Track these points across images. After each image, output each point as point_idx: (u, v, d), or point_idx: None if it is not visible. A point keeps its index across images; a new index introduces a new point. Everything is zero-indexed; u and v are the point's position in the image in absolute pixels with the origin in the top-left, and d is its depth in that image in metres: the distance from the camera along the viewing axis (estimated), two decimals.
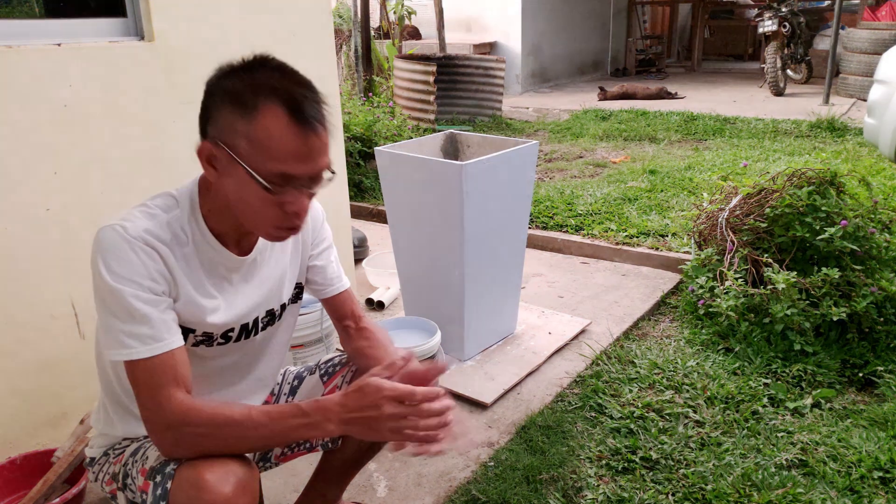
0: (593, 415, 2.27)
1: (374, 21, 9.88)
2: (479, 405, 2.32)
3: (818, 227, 2.66)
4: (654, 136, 6.48)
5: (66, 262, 1.98)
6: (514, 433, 2.18)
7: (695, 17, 11.70)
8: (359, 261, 3.47)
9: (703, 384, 2.38)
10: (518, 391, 2.43)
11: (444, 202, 2.37)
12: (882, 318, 2.53)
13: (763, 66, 8.73)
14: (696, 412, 2.23)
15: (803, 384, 2.37)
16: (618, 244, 3.69)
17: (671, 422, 2.19)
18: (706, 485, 1.89)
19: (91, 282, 1.16)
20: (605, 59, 11.82)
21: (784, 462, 1.98)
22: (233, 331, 1.32)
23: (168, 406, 1.11)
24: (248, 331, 1.35)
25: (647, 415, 2.22)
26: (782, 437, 2.09)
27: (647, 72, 11.33)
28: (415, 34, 10.19)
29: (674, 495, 1.87)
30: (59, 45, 1.93)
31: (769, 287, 2.56)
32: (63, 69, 1.93)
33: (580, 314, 2.99)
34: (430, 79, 6.68)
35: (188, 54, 2.19)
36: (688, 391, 2.35)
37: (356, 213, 4.47)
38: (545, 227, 4.04)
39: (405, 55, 7.51)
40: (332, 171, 1.18)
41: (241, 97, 1.10)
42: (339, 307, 1.51)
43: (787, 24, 8.40)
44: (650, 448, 2.06)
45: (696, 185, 4.64)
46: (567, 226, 4.01)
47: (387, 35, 10.02)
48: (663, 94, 8.54)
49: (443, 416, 1.13)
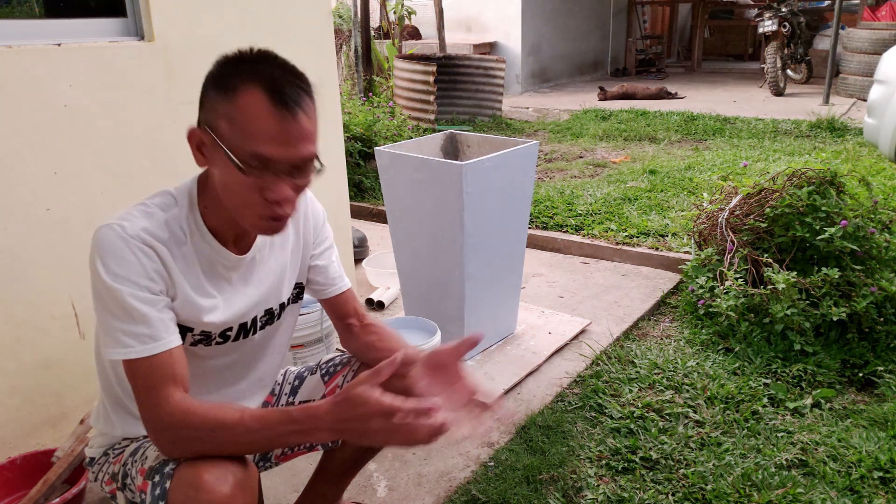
0: (593, 415, 2.27)
1: (374, 21, 9.88)
2: (479, 405, 2.32)
3: (818, 227, 2.66)
4: (654, 136, 6.48)
5: (66, 261, 1.98)
6: (514, 433, 2.18)
7: (695, 16, 11.71)
8: (359, 261, 3.47)
9: (703, 384, 2.38)
10: (518, 391, 2.43)
11: (444, 202, 2.37)
12: (882, 318, 2.53)
13: (763, 65, 8.74)
14: (696, 412, 2.23)
15: (803, 384, 2.37)
16: (618, 244, 3.69)
17: (671, 422, 2.19)
18: (706, 485, 1.89)
19: (90, 281, 1.16)
20: (605, 59, 11.82)
21: (784, 462, 1.98)
22: (231, 330, 1.32)
23: (165, 407, 1.11)
24: (246, 330, 1.35)
25: (647, 415, 2.22)
26: (782, 437, 2.10)
27: (647, 72, 11.33)
28: (415, 34, 10.19)
29: (674, 495, 1.87)
30: (59, 45, 1.93)
31: (769, 287, 2.57)
32: (63, 69, 1.93)
33: (580, 314, 2.99)
34: (430, 79, 6.68)
35: (188, 54, 2.19)
36: (688, 391, 2.35)
37: (356, 213, 4.47)
38: (545, 227, 4.04)
39: (405, 55, 7.51)
40: (319, 163, 1.16)
41: (224, 79, 1.12)
42: (341, 306, 1.51)
43: (787, 24, 8.40)
44: (650, 448, 2.06)
45: (696, 185, 4.64)
46: (567, 226, 4.01)
47: (387, 35, 10.02)
48: (663, 94, 8.54)
49: (436, 429, 1.07)
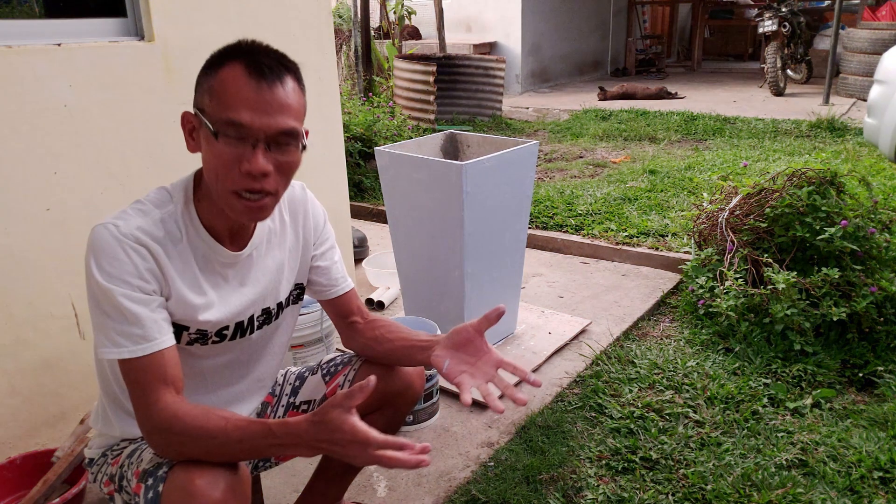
0: (593, 415, 2.27)
1: (374, 21, 9.88)
2: (479, 405, 2.32)
3: (818, 227, 2.65)
4: (654, 136, 6.48)
5: (66, 261, 1.98)
6: (513, 433, 2.18)
7: (695, 16, 11.71)
8: (359, 261, 3.47)
9: (702, 384, 2.38)
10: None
11: (444, 202, 2.37)
12: (882, 318, 2.53)
13: (763, 65, 8.74)
14: (695, 412, 2.23)
15: (803, 384, 2.37)
16: (618, 244, 3.69)
17: (671, 422, 2.19)
18: (706, 485, 1.89)
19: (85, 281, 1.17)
20: (605, 58, 11.82)
21: (784, 462, 1.98)
22: (227, 329, 1.32)
23: (155, 409, 1.12)
24: (243, 329, 1.35)
25: (647, 415, 2.22)
26: (782, 437, 2.10)
27: (646, 72, 11.33)
28: (415, 34, 10.19)
29: (674, 495, 1.87)
30: (59, 45, 1.93)
31: (769, 287, 2.57)
32: (63, 69, 1.93)
33: (580, 314, 2.99)
34: (430, 79, 6.68)
35: (188, 54, 2.19)
36: (688, 391, 2.35)
37: (356, 213, 4.48)
38: (545, 227, 4.04)
39: (405, 55, 7.51)
40: (295, 134, 1.15)
41: (211, 60, 1.16)
42: (344, 306, 1.50)
43: (787, 23, 8.40)
44: (650, 448, 2.06)
45: (696, 185, 4.64)
46: (567, 226, 4.01)
47: (387, 35, 10.02)
48: (663, 94, 8.54)
49: (415, 463, 1.06)
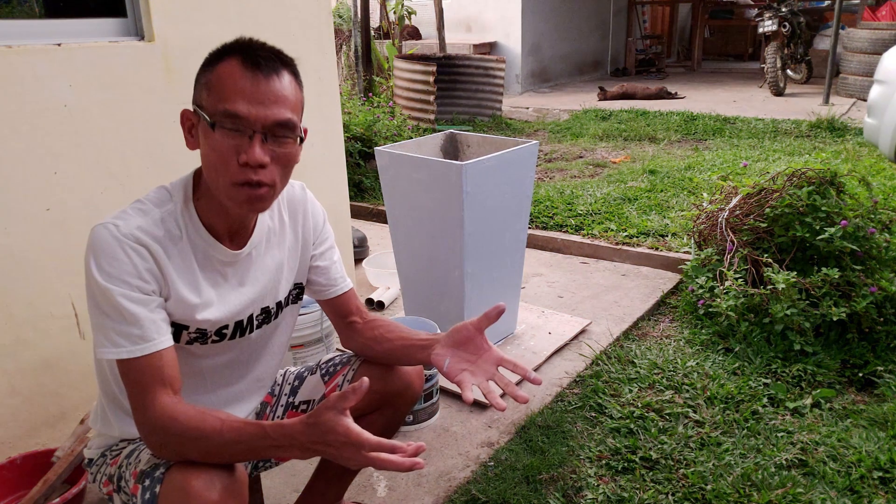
0: (593, 415, 2.27)
1: (374, 21, 9.88)
2: (479, 405, 2.32)
3: (818, 227, 2.66)
4: (653, 136, 6.48)
5: (66, 261, 1.98)
6: (513, 433, 2.18)
7: (695, 16, 11.71)
8: (359, 261, 3.47)
9: (702, 384, 2.38)
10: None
11: (444, 202, 2.37)
12: (882, 318, 2.54)
13: (763, 65, 8.74)
14: (695, 412, 2.23)
15: (803, 384, 2.37)
16: (618, 244, 3.69)
17: (671, 422, 2.19)
18: (706, 485, 1.89)
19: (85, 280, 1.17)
20: (605, 58, 11.82)
21: (784, 462, 1.98)
22: (227, 328, 1.32)
23: (152, 410, 1.13)
24: (242, 328, 1.35)
25: (646, 415, 2.22)
26: (782, 437, 2.10)
27: (646, 72, 11.34)
28: (415, 34, 10.19)
29: (673, 495, 1.87)
30: (59, 45, 1.93)
31: (769, 287, 2.57)
32: (63, 69, 1.93)
33: (580, 314, 2.99)
34: (430, 79, 6.68)
35: (188, 54, 2.19)
36: (687, 391, 2.35)
37: (356, 213, 4.48)
38: (545, 227, 4.04)
39: (405, 55, 7.51)
40: (291, 126, 1.17)
41: (209, 58, 1.18)
42: (343, 306, 1.51)
43: (787, 23, 8.40)
44: (650, 448, 2.06)
45: (695, 185, 4.64)
46: (567, 226, 4.01)
47: (387, 35, 10.02)
48: (663, 94, 8.54)
49: (408, 465, 1.05)
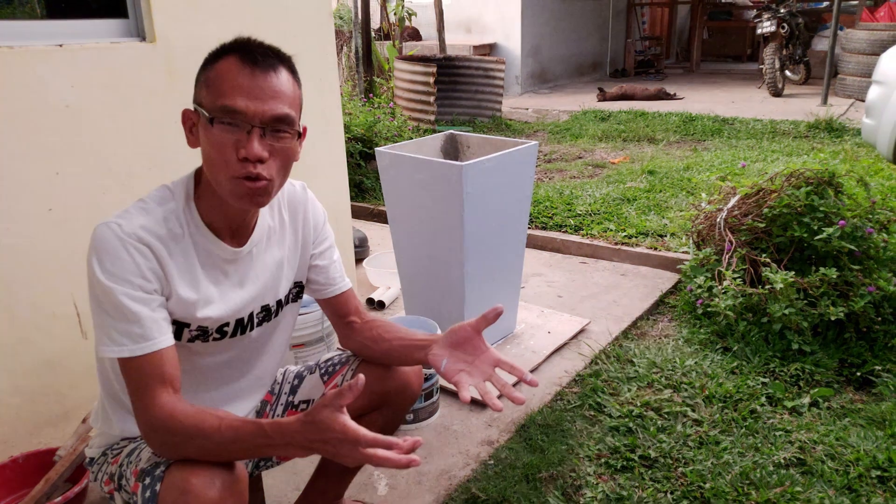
0: (592, 413, 2.28)
1: (375, 22, 9.89)
2: (478, 404, 2.33)
3: (816, 227, 2.66)
4: (652, 136, 6.49)
5: (68, 261, 1.99)
6: (513, 432, 2.19)
7: (693, 18, 11.73)
8: (359, 261, 3.48)
9: (701, 383, 2.39)
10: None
11: (444, 202, 2.38)
12: (880, 318, 2.55)
13: (761, 66, 8.75)
14: (694, 411, 2.24)
15: (801, 383, 2.38)
16: (617, 244, 3.70)
17: (670, 420, 2.20)
18: (704, 483, 1.90)
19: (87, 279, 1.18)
20: (605, 60, 11.84)
21: (782, 461, 1.99)
22: (228, 325, 1.33)
23: (152, 408, 1.13)
24: (243, 326, 1.36)
25: (645, 413, 2.23)
26: (780, 435, 2.10)
27: (645, 73, 11.35)
28: (415, 35, 10.20)
29: (672, 494, 1.88)
30: (60, 45, 1.94)
31: (767, 287, 2.58)
32: (65, 70, 1.94)
33: (579, 314, 3.00)
34: (431, 80, 6.70)
35: (189, 55, 2.20)
36: (686, 390, 2.36)
37: (357, 214, 4.48)
38: (545, 227, 4.05)
39: (405, 56, 7.53)
40: (289, 121, 1.18)
41: (208, 56, 1.20)
42: (342, 306, 1.51)
43: (785, 24, 8.42)
44: (649, 446, 2.07)
45: (694, 185, 4.65)
46: (566, 226, 4.02)
47: (387, 36, 10.03)
48: (662, 95, 8.56)
49: (405, 462, 1.05)
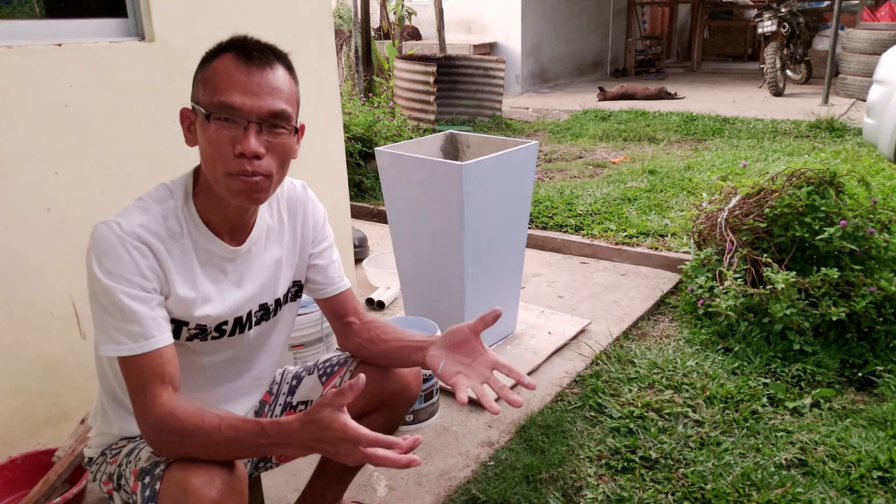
0: (593, 414, 2.27)
1: (375, 21, 9.88)
2: (477, 405, 2.32)
3: (817, 227, 2.66)
4: (653, 136, 6.49)
5: (67, 261, 1.98)
6: (513, 433, 2.19)
7: (694, 17, 11.72)
8: (359, 261, 3.47)
9: (702, 384, 2.38)
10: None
11: (444, 202, 2.37)
12: (881, 318, 2.54)
13: (762, 66, 8.74)
14: (695, 412, 2.24)
15: (802, 384, 2.38)
16: (617, 244, 3.69)
17: (671, 421, 2.20)
18: (706, 484, 1.89)
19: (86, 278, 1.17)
20: (605, 59, 11.83)
21: (783, 461, 1.98)
22: (226, 324, 1.33)
23: (152, 407, 1.13)
24: (241, 325, 1.36)
25: (646, 414, 2.23)
26: (781, 436, 2.10)
27: (646, 72, 11.35)
28: (415, 35, 10.20)
29: (673, 494, 1.87)
30: (59, 45, 1.93)
31: (768, 287, 2.57)
32: (64, 69, 1.93)
33: (580, 314, 2.99)
34: (430, 79, 6.69)
35: (189, 55, 2.18)
36: (687, 391, 2.36)
37: (356, 213, 4.48)
38: (545, 227, 4.04)
39: (405, 56, 7.52)
40: (286, 117, 1.18)
41: (205, 56, 1.20)
42: (340, 306, 1.51)
43: (786, 24, 8.41)
44: (650, 447, 2.06)
45: (695, 185, 4.65)
46: (567, 226, 4.02)
47: (387, 35, 10.02)
48: (663, 95, 8.55)
49: (405, 462, 1.05)
